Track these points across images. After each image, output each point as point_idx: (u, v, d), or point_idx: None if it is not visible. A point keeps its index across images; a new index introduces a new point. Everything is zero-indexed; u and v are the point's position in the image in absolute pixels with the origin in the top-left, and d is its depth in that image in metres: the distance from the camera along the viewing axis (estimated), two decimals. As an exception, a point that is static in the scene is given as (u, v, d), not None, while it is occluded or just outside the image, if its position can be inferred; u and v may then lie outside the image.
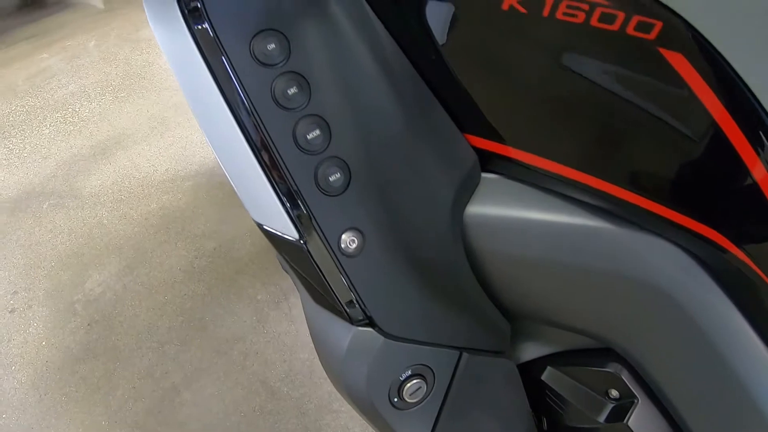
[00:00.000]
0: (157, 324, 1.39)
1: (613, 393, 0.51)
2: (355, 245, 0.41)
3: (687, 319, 0.39)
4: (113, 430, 1.19)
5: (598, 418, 0.52)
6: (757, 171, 0.29)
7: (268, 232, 0.42)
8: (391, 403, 0.48)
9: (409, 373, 0.47)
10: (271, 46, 0.38)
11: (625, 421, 0.50)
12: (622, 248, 0.40)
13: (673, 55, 0.28)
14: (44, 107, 2.43)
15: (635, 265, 0.40)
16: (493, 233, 0.44)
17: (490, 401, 0.55)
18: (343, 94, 0.39)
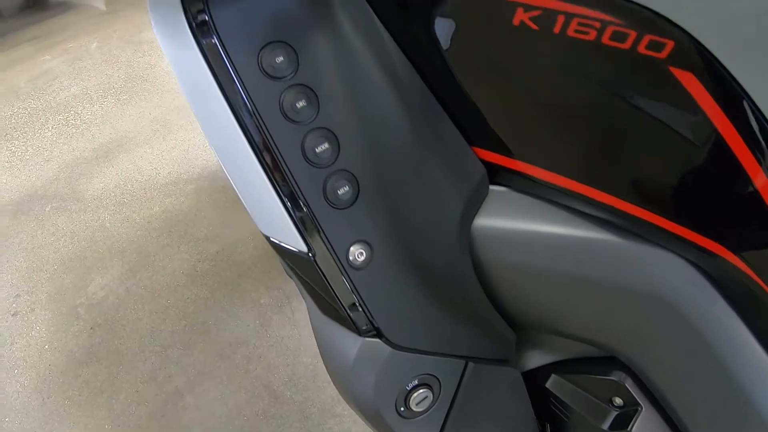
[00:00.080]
0: (160, 328, 1.39)
1: (617, 401, 0.51)
2: (363, 258, 0.41)
3: (691, 330, 0.39)
4: (116, 434, 1.19)
5: (602, 426, 0.52)
6: (764, 188, 0.30)
7: (276, 244, 0.42)
8: (398, 412, 0.48)
9: (416, 382, 0.47)
10: (280, 58, 0.38)
11: (628, 428, 0.50)
12: (627, 260, 0.40)
13: (683, 74, 0.28)
14: (46, 109, 2.44)
15: (640, 277, 0.40)
16: (501, 245, 0.44)
17: (495, 409, 0.55)
18: (351, 107, 0.39)
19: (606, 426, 0.52)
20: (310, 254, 0.40)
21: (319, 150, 0.39)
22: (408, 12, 0.39)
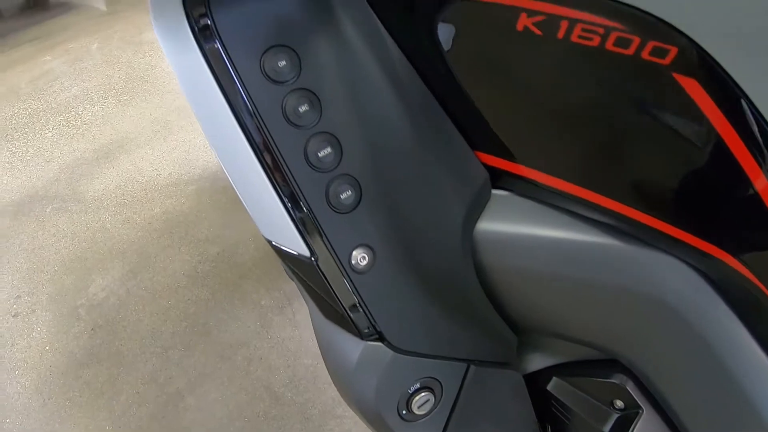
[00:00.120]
0: (161, 329, 1.39)
1: (618, 403, 0.51)
2: (365, 262, 0.41)
3: (692, 333, 0.39)
4: (117, 435, 1.19)
5: (603, 428, 0.52)
6: (765, 192, 0.30)
7: (279, 248, 0.42)
8: (400, 415, 0.48)
9: (418, 385, 0.47)
10: (282, 62, 0.38)
11: (629, 431, 0.50)
12: (628, 264, 0.40)
13: (686, 81, 0.28)
14: (47, 110, 2.44)
15: (642, 281, 0.40)
16: (503, 249, 0.44)
17: (496, 412, 0.55)
18: (354, 111, 0.39)
19: (607, 428, 0.52)
20: (313, 258, 0.40)
21: (321, 154, 0.39)
22: (411, 16, 0.39)
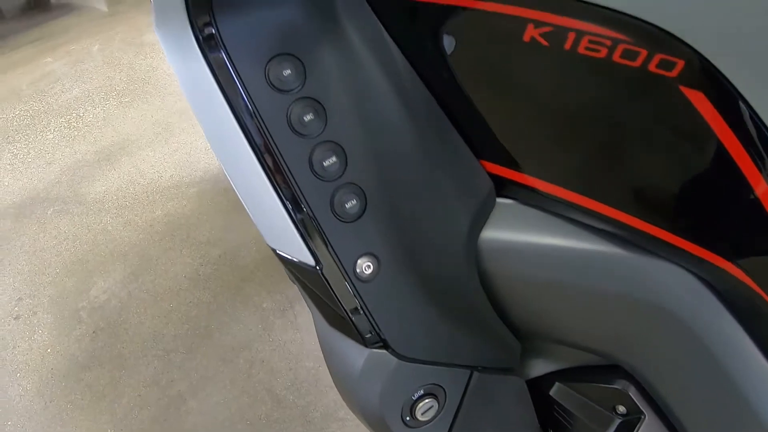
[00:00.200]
0: (163, 332, 1.39)
1: (621, 409, 0.51)
2: (370, 270, 0.41)
3: (695, 340, 0.39)
4: (119, 438, 1.19)
5: (605, 434, 0.52)
6: None
7: (283, 257, 0.43)
8: (404, 421, 0.48)
9: (422, 392, 0.47)
10: (287, 71, 0.38)
11: (632, 436, 0.50)
12: (632, 272, 0.40)
13: (693, 93, 0.28)
14: (48, 112, 2.44)
15: (644, 288, 0.40)
16: (507, 257, 0.45)
17: (499, 417, 0.55)
18: (359, 120, 0.39)
19: (609, 434, 0.52)
20: (318, 267, 0.40)
21: (326, 163, 0.39)
22: (417, 25, 0.39)
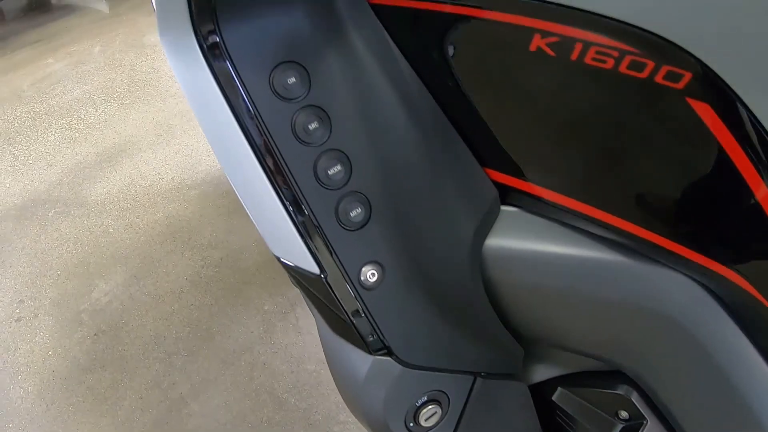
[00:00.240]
0: (164, 334, 1.39)
1: (623, 414, 0.51)
2: (375, 278, 0.41)
3: (697, 347, 0.39)
4: (121, 441, 1.19)
5: (608, 438, 0.52)
6: None
7: (288, 265, 0.43)
8: (407, 428, 0.48)
9: (425, 398, 0.48)
10: (291, 79, 0.38)
11: (634, 441, 0.50)
12: (635, 279, 0.40)
13: (699, 105, 0.28)
14: (49, 113, 2.44)
15: (647, 296, 0.40)
16: (511, 265, 0.45)
17: (502, 422, 0.56)
18: (364, 128, 0.39)
19: (612, 438, 0.52)
20: (322, 275, 0.40)
21: (331, 172, 0.39)
22: (423, 33, 0.39)
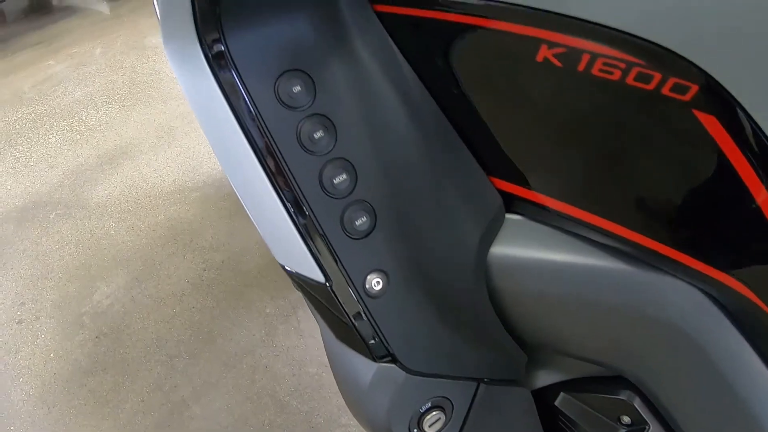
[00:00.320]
0: (166, 337, 1.39)
1: (625, 419, 0.51)
2: (380, 286, 0.41)
3: (700, 353, 0.39)
4: (122, 444, 1.19)
5: (611, 444, 0.52)
6: None
7: (293, 273, 0.43)
8: (411, 434, 0.48)
9: (429, 405, 0.48)
10: (296, 88, 0.38)
11: (637, 446, 0.50)
12: (638, 287, 0.40)
13: (706, 117, 0.28)
14: (51, 115, 2.44)
15: (650, 303, 0.40)
16: (515, 273, 0.45)
17: (505, 428, 0.56)
18: (369, 137, 0.40)
19: (614, 444, 0.52)
20: (327, 284, 0.41)
21: (336, 181, 0.39)
22: (428, 42, 0.39)
